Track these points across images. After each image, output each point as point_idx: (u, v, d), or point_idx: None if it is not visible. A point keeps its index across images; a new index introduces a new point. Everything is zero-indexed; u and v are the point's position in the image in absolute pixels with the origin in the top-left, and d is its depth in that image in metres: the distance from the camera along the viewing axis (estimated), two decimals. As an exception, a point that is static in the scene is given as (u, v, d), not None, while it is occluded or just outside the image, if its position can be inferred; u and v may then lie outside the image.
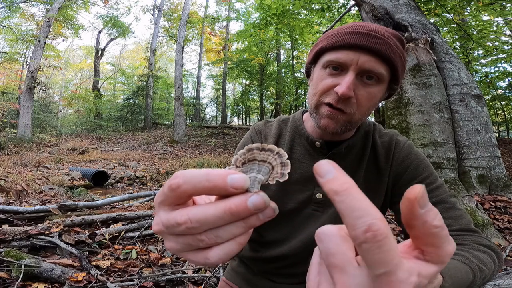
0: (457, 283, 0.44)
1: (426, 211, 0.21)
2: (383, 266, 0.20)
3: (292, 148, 0.77)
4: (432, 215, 0.22)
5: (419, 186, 0.21)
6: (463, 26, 7.04)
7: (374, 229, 0.19)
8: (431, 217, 0.22)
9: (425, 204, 0.21)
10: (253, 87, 19.63)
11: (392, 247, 0.20)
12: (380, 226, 0.19)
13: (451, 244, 0.23)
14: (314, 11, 8.46)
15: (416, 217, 0.21)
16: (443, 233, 0.22)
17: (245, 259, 0.84)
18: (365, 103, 0.63)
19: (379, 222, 0.20)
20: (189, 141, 13.36)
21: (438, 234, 0.22)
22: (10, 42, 15.73)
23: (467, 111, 3.07)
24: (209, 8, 34.43)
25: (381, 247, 0.19)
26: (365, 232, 0.19)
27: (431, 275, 0.24)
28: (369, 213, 0.20)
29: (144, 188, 5.91)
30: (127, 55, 31.79)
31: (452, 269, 0.46)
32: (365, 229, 0.19)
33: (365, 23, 0.62)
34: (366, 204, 0.20)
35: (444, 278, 0.41)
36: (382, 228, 0.19)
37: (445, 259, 0.24)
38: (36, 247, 1.96)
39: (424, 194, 0.21)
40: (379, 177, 0.72)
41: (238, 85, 26.27)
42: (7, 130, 11.66)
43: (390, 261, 0.20)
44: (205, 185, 0.23)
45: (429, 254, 0.23)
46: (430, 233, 0.22)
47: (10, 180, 4.94)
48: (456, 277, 0.44)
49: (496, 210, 2.66)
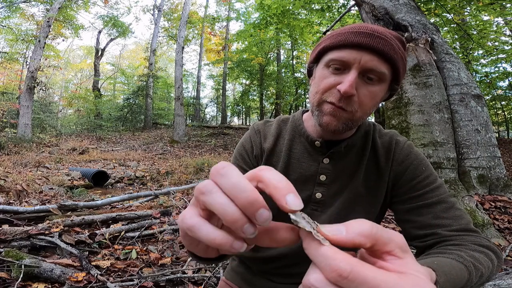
0: (452, 280, 0.45)
1: (356, 236, 0.24)
2: None
3: (291, 147, 0.77)
4: (358, 229, 0.25)
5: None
6: (463, 26, 7.04)
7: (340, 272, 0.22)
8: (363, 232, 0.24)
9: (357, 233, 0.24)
10: (253, 87, 19.63)
11: (372, 275, 0.22)
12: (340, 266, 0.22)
13: (390, 232, 0.26)
14: (314, 11, 8.46)
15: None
16: (380, 232, 0.25)
17: (245, 259, 0.84)
18: (367, 102, 0.63)
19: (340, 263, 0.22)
20: (189, 141, 13.36)
21: (376, 236, 0.24)
22: (10, 42, 15.72)
23: (467, 111, 3.07)
24: (209, 8, 34.42)
25: (354, 281, 0.22)
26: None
27: (416, 265, 0.26)
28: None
29: (144, 188, 5.90)
30: (127, 55, 31.79)
31: (445, 266, 0.47)
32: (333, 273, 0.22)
33: (368, 24, 0.62)
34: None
35: (437, 274, 0.42)
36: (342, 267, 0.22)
37: (403, 247, 0.26)
38: (36, 247, 1.96)
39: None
40: (379, 177, 0.72)
41: (238, 85, 26.28)
42: (7, 130, 11.66)
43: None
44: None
45: (391, 252, 0.25)
46: (375, 239, 0.24)
47: (10, 180, 4.94)
48: (450, 274, 0.45)
49: (496, 210, 2.66)
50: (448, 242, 0.61)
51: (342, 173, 0.73)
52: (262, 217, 0.25)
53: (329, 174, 0.73)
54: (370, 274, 0.22)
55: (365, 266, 0.22)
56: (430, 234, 0.63)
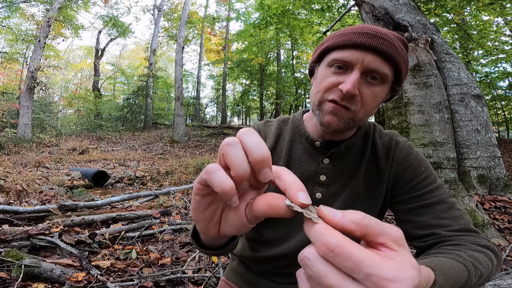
0: (452, 279, 0.45)
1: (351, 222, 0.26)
2: (357, 271, 0.23)
3: (292, 147, 0.77)
4: (351, 217, 0.26)
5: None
6: (463, 26, 7.04)
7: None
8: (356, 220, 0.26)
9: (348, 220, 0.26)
10: (253, 87, 19.61)
11: (357, 252, 0.23)
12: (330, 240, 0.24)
13: (385, 226, 0.27)
14: (314, 11, 8.45)
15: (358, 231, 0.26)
16: (373, 222, 0.26)
17: (245, 259, 0.84)
18: (370, 103, 0.63)
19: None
20: (189, 141, 13.36)
21: (368, 226, 0.26)
22: (10, 42, 15.72)
23: (467, 111, 3.07)
24: (209, 8, 34.46)
25: (339, 255, 0.23)
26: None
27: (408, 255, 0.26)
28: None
29: (144, 188, 5.91)
30: (127, 55, 31.78)
31: (444, 266, 0.47)
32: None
33: (371, 25, 0.63)
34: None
35: (436, 273, 0.42)
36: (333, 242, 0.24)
37: (399, 241, 0.26)
38: (36, 247, 1.96)
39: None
40: (379, 177, 0.73)
41: (238, 85, 26.27)
42: (7, 130, 11.65)
43: (360, 263, 0.23)
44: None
45: (385, 244, 0.26)
46: (368, 229, 0.26)
47: (10, 180, 4.94)
48: (449, 274, 0.45)
49: (496, 210, 2.66)
50: (448, 242, 0.61)
51: (342, 173, 0.73)
52: (266, 174, 0.30)
53: (329, 174, 0.73)
54: (354, 250, 0.23)
55: (351, 243, 0.24)
56: (430, 234, 0.63)
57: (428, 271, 0.41)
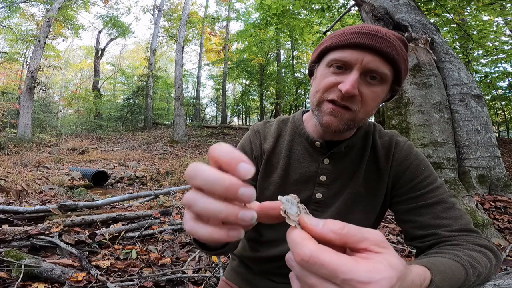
0: (449, 279, 0.45)
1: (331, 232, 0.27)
2: (334, 277, 0.24)
3: (291, 148, 0.77)
4: (331, 227, 0.27)
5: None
6: (463, 26, 7.03)
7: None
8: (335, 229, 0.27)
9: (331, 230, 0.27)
10: (253, 87, 19.60)
11: (329, 259, 0.24)
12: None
13: (364, 231, 0.27)
14: (314, 11, 8.45)
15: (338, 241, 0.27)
16: (352, 231, 0.27)
17: (245, 259, 0.84)
18: (370, 102, 0.63)
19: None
20: (189, 141, 13.36)
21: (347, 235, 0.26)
22: (10, 42, 15.73)
23: (467, 111, 3.07)
24: (209, 8, 34.46)
25: (314, 264, 0.25)
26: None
27: (396, 260, 0.27)
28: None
29: (144, 188, 5.91)
30: (127, 55, 31.78)
31: (441, 265, 0.47)
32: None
33: (370, 25, 0.62)
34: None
35: (432, 272, 0.42)
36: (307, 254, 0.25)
37: (380, 243, 0.27)
38: (36, 247, 1.96)
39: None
40: (379, 178, 0.72)
41: (238, 85, 26.26)
42: (7, 130, 11.65)
43: (335, 271, 0.24)
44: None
45: (367, 248, 0.27)
46: (346, 238, 0.27)
47: (10, 180, 4.94)
48: (446, 273, 0.45)
49: (496, 210, 2.66)
50: (447, 242, 0.61)
51: (342, 173, 0.73)
52: (245, 195, 0.26)
53: (329, 175, 0.73)
54: (327, 258, 0.24)
55: (325, 251, 0.25)
56: (430, 234, 0.63)
57: (424, 270, 0.41)
